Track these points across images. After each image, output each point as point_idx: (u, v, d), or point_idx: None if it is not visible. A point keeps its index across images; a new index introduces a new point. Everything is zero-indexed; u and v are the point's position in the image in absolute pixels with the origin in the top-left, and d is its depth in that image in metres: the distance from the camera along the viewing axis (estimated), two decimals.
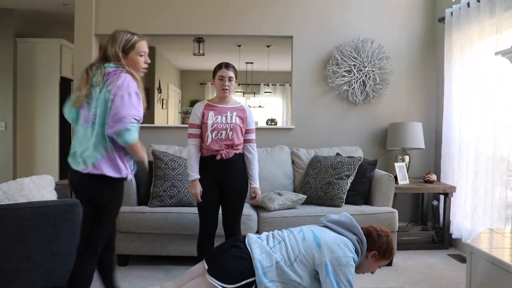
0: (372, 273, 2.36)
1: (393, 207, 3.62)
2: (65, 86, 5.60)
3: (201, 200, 2.82)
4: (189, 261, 3.32)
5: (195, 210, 3.42)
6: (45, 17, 5.76)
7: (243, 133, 2.87)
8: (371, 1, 4.44)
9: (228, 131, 2.79)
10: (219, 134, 2.79)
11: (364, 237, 2.22)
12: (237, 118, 2.84)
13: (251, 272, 2.13)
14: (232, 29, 4.42)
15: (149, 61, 2.31)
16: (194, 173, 2.81)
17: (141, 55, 2.23)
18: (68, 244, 2.65)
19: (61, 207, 2.66)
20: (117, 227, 3.35)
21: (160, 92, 8.51)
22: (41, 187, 2.85)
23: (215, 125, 2.79)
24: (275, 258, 2.16)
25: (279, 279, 2.14)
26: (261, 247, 2.22)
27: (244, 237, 2.33)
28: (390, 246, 2.26)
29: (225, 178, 2.83)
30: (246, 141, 2.90)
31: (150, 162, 3.70)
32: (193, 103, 10.54)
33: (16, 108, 5.41)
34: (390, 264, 3.48)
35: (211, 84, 3.04)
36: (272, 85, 10.68)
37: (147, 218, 3.37)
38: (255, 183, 2.88)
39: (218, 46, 7.61)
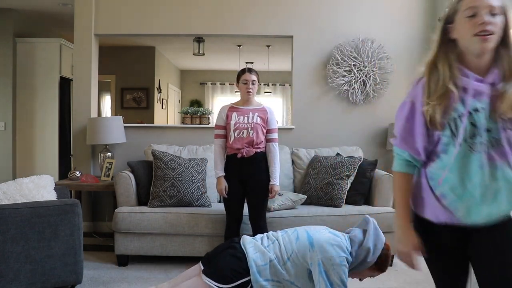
0: (360, 280, 2.36)
1: (394, 207, 3.62)
2: (65, 86, 5.59)
3: (226, 196, 3.06)
4: (189, 261, 3.31)
5: (195, 210, 3.43)
6: (45, 17, 5.75)
7: (264, 132, 3.07)
8: (371, 1, 4.43)
9: (249, 130, 3.00)
10: (241, 133, 3.01)
11: (370, 246, 2.21)
12: (258, 118, 3.05)
13: (246, 271, 2.14)
14: (232, 29, 4.42)
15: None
16: (219, 171, 3.06)
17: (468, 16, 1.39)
18: (68, 244, 2.65)
19: (61, 207, 2.65)
20: (116, 227, 3.37)
21: (160, 92, 8.50)
22: (40, 187, 2.84)
23: (237, 124, 3.02)
24: (269, 257, 2.18)
25: (274, 278, 2.15)
26: (255, 246, 2.24)
27: (240, 239, 2.35)
28: (387, 260, 2.28)
29: (247, 175, 3.03)
30: (268, 140, 3.10)
31: (150, 162, 3.71)
32: (193, 103, 10.53)
33: (16, 108, 5.40)
34: (390, 264, 3.47)
35: (236, 86, 3.22)
36: (272, 85, 10.67)
37: (147, 218, 3.36)
38: (274, 180, 3.06)
39: (218, 46, 7.60)
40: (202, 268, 2.24)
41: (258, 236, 2.37)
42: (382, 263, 2.25)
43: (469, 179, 1.37)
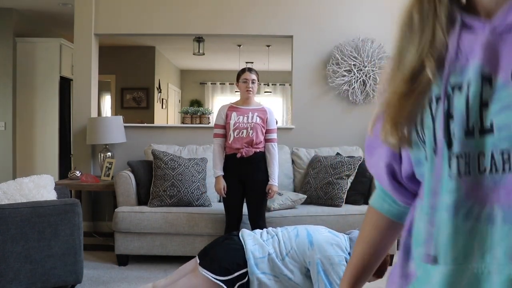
0: None
1: None
2: (65, 85, 5.60)
3: (225, 196, 3.06)
4: (189, 261, 3.31)
5: (195, 210, 3.44)
6: (45, 17, 5.75)
7: (264, 132, 3.08)
8: (371, 1, 4.43)
9: (249, 130, 3.00)
10: (240, 133, 3.01)
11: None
12: (258, 118, 3.05)
13: (243, 263, 2.14)
14: (232, 29, 4.42)
15: None
16: (218, 170, 3.05)
17: None
18: (68, 244, 2.65)
19: (61, 207, 2.65)
20: (116, 227, 3.37)
21: (160, 91, 8.51)
22: (40, 187, 2.84)
23: (237, 124, 3.02)
24: (267, 250, 2.18)
25: (271, 272, 2.14)
26: (254, 239, 2.24)
27: (238, 232, 2.35)
28: (385, 265, 2.27)
29: (246, 174, 3.03)
30: (267, 140, 3.10)
31: (150, 162, 3.71)
32: (193, 103, 10.54)
33: (16, 108, 5.41)
34: (390, 263, 3.47)
35: (236, 86, 3.23)
36: (272, 85, 10.67)
37: (147, 218, 3.37)
38: (272, 180, 3.06)
39: (218, 46, 7.60)
40: (199, 261, 2.23)
41: (258, 230, 2.38)
42: (379, 268, 2.25)
43: (437, 225, 0.63)
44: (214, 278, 2.10)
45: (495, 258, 0.57)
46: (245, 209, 3.17)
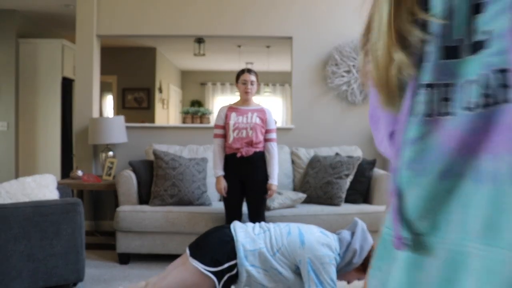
0: (348, 283, 2.37)
1: None
2: (67, 86, 5.64)
3: (225, 195, 3.09)
4: None
5: (195, 209, 3.47)
6: (47, 18, 5.79)
7: (263, 132, 3.11)
8: (370, 2, 4.46)
9: (248, 130, 3.04)
10: (240, 133, 3.04)
11: (357, 248, 2.22)
12: (258, 118, 3.09)
13: (234, 254, 2.16)
14: (232, 29, 4.45)
15: None
16: (219, 170, 3.08)
17: None
18: (70, 242, 2.68)
19: (63, 206, 2.69)
20: (118, 226, 3.41)
21: (161, 92, 8.54)
22: (43, 187, 2.87)
23: (237, 124, 3.05)
24: (258, 245, 2.19)
25: (260, 266, 2.16)
26: (246, 232, 2.25)
27: (230, 224, 2.36)
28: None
29: (246, 174, 3.06)
30: (266, 140, 3.13)
31: (151, 162, 3.74)
32: (193, 103, 10.57)
33: (18, 108, 5.45)
34: None
35: (236, 86, 3.25)
36: (272, 85, 10.70)
37: (148, 217, 3.40)
38: (272, 179, 3.09)
39: (218, 46, 7.64)
40: (189, 253, 2.23)
41: (250, 224, 2.39)
42: (367, 265, 2.26)
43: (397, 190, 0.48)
44: (205, 270, 2.10)
45: (473, 232, 0.39)
46: (245, 209, 3.20)
